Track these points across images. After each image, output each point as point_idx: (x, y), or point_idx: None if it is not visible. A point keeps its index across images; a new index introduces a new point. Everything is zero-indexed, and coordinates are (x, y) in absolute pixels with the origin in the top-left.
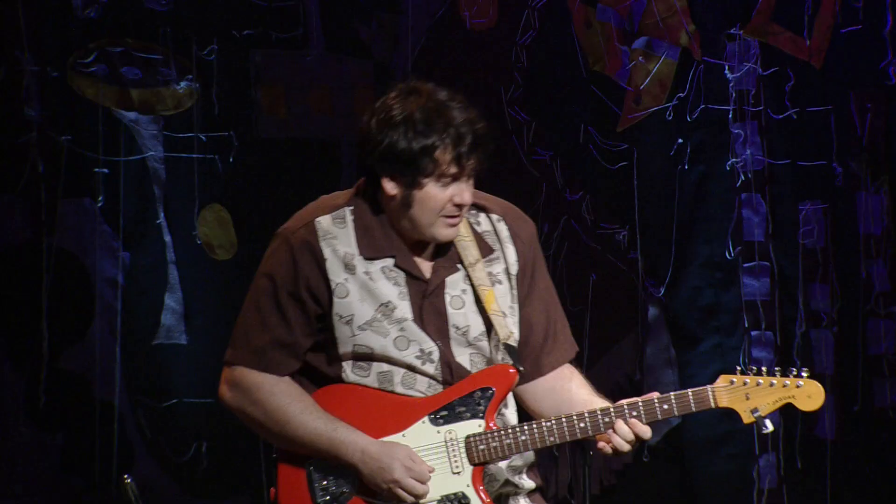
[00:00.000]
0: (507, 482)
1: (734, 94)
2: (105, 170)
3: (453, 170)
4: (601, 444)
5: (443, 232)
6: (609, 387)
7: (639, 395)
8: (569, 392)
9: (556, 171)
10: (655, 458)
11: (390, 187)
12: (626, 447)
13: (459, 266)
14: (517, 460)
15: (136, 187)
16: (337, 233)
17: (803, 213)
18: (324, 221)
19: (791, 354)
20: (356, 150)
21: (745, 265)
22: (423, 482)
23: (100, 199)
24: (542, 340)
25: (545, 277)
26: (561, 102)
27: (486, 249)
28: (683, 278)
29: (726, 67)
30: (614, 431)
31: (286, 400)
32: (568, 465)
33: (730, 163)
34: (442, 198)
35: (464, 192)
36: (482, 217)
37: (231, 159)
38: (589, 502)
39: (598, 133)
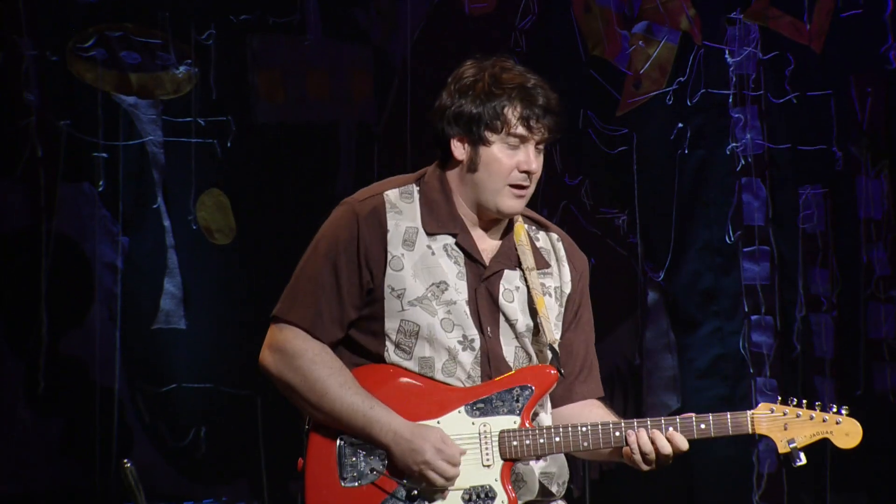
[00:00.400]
0: (540, 490)
1: (734, 79)
2: (104, 154)
3: (521, 130)
4: (626, 451)
5: (507, 202)
6: (608, 371)
7: (640, 380)
8: (595, 416)
9: (555, 155)
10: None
11: (458, 150)
12: (653, 459)
13: (517, 267)
14: (551, 467)
15: (135, 172)
16: (403, 207)
17: (803, 198)
18: (392, 195)
19: (791, 339)
20: (432, 124)
21: (745, 249)
22: (455, 465)
23: (99, 183)
24: (579, 370)
25: (590, 312)
26: (560, 87)
27: (541, 262)
28: (683, 263)
29: (726, 52)
30: (651, 441)
31: (327, 371)
32: (571, 460)
33: (730, 147)
34: (508, 161)
35: (531, 159)
36: (542, 233)
37: (229, 144)
38: (588, 487)
39: (598, 117)
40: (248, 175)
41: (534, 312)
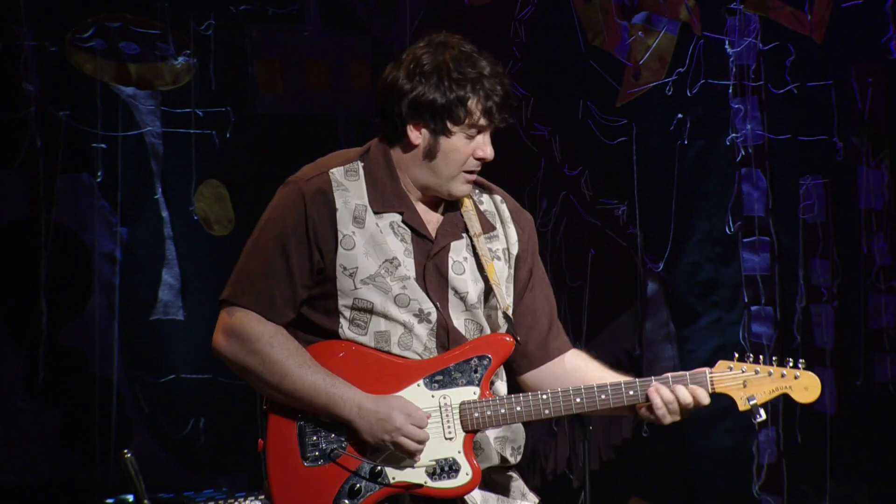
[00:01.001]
0: (499, 458)
1: (734, 69)
2: (103, 145)
3: (483, 121)
4: (643, 411)
5: (460, 187)
6: (608, 361)
7: (639, 372)
8: (584, 370)
9: (554, 146)
10: (654, 434)
11: (415, 136)
12: (667, 415)
13: (464, 234)
14: (505, 431)
15: (133, 162)
16: (349, 185)
17: (804, 188)
18: (337, 173)
19: (791, 329)
20: (378, 99)
21: (745, 240)
22: (423, 428)
23: (98, 174)
24: (548, 326)
25: (543, 269)
26: (560, 78)
27: (487, 226)
28: (683, 253)
29: (726, 42)
30: (650, 401)
31: (285, 353)
32: (567, 441)
33: (730, 138)
34: (466, 150)
35: (486, 146)
36: (485, 196)
37: (228, 135)
38: (588, 478)
39: (598, 108)
40: (246, 166)
41: (485, 279)
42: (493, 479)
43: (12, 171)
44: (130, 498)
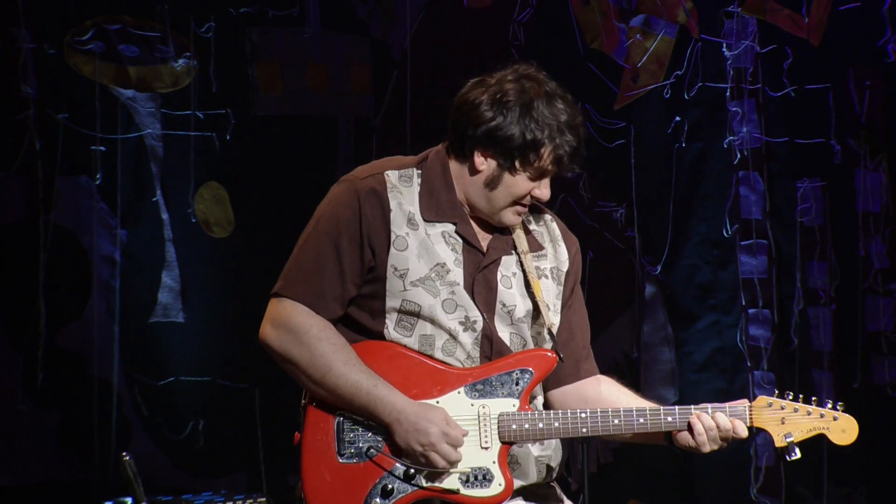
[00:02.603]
0: (536, 473)
1: (732, 72)
2: (102, 147)
3: (550, 167)
4: (683, 438)
5: (510, 218)
6: (606, 364)
7: (637, 374)
8: (616, 395)
9: None
10: None
11: (480, 162)
12: (706, 443)
13: (513, 251)
14: (546, 450)
15: (133, 165)
16: (403, 189)
17: (801, 191)
18: (392, 175)
19: (788, 332)
20: (453, 113)
21: (743, 243)
22: (457, 448)
23: (97, 176)
24: (582, 346)
25: (581, 293)
26: (558, 80)
27: (535, 245)
28: (680, 256)
29: (724, 45)
30: (691, 428)
31: (332, 348)
32: (566, 444)
33: (727, 140)
34: (525, 188)
35: (545, 188)
36: (533, 216)
37: (228, 137)
38: (586, 480)
39: (596, 111)
40: (246, 168)
41: (532, 296)
42: (529, 490)
43: (11, 174)
44: (129, 500)
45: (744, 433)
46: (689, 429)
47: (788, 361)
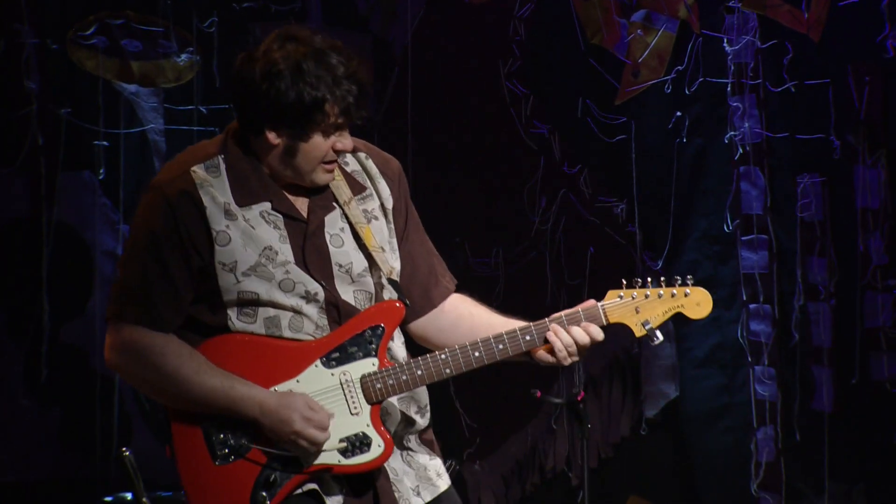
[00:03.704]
0: (403, 418)
1: (732, 67)
2: (105, 142)
3: (339, 120)
4: (543, 351)
5: (322, 177)
6: (607, 360)
7: (637, 369)
8: (470, 318)
9: (554, 144)
10: (653, 432)
11: (273, 137)
12: (574, 349)
13: (335, 205)
14: (408, 393)
15: (136, 160)
16: (213, 181)
17: (801, 187)
18: (199, 170)
19: (789, 328)
20: (233, 92)
21: (744, 238)
22: (324, 429)
23: (100, 171)
24: (427, 273)
25: (416, 214)
26: (559, 76)
27: (357, 187)
28: (681, 251)
29: (725, 40)
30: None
31: (178, 361)
32: (566, 439)
33: (728, 136)
34: (325, 147)
35: (344, 138)
36: (349, 157)
37: None
38: (586, 475)
39: (597, 106)
40: None
41: (364, 248)
42: (411, 455)
43: (14, 169)
44: (129, 496)
45: (599, 335)
46: (546, 345)
47: (789, 357)
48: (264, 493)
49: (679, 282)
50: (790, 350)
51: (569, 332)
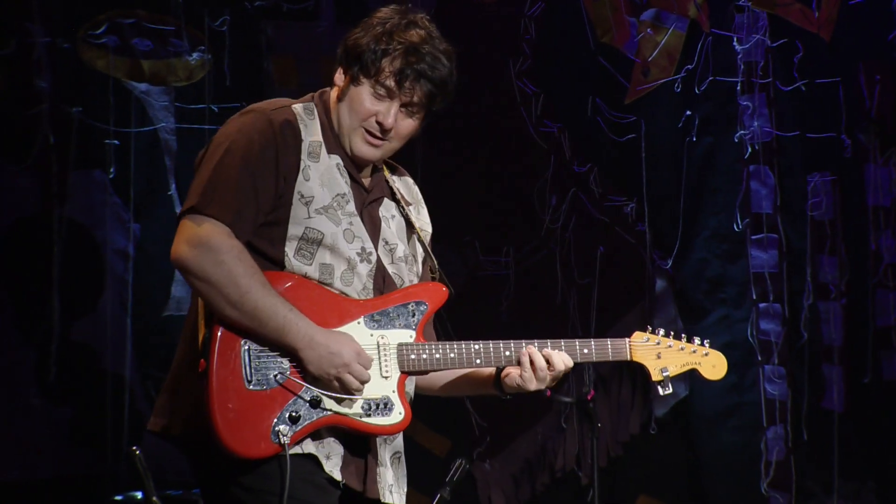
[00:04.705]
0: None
1: (742, 66)
2: (116, 141)
3: (390, 83)
4: (509, 372)
5: (359, 145)
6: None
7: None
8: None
9: (564, 143)
10: (663, 431)
11: (339, 77)
12: (544, 377)
13: (393, 199)
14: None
15: (146, 159)
16: (308, 122)
17: (812, 185)
18: (299, 108)
19: (799, 327)
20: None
21: (753, 237)
22: (367, 370)
23: (111, 170)
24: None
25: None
26: (569, 74)
27: (406, 201)
28: (691, 250)
29: (735, 39)
30: (546, 358)
31: (250, 270)
32: (575, 438)
33: (738, 135)
34: (368, 106)
35: (389, 115)
36: (396, 177)
37: None
38: (596, 474)
39: (607, 105)
40: None
41: (410, 241)
42: (399, 458)
43: (25, 168)
44: (140, 495)
45: (563, 365)
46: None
47: (799, 356)
48: (286, 427)
49: (698, 341)
50: (799, 349)
51: (546, 356)
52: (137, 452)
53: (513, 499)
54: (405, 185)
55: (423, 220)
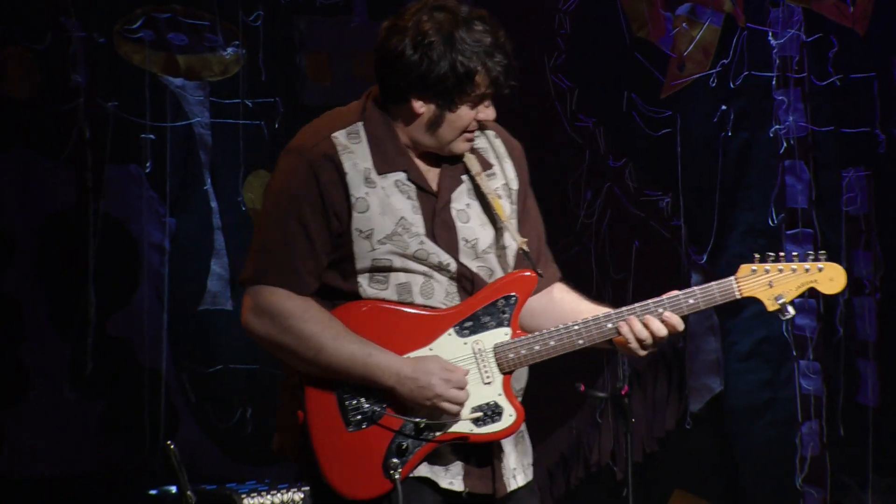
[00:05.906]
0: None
1: (777, 61)
2: (151, 136)
3: (489, 91)
4: (619, 340)
5: (461, 146)
6: (651, 354)
7: (682, 364)
8: (571, 303)
9: (599, 137)
10: (698, 426)
11: (419, 106)
12: (651, 344)
13: (464, 177)
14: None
15: (182, 153)
16: (354, 148)
17: (846, 180)
18: (340, 136)
19: (834, 322)
20: (378, 63)
21: (788, 232)
22: (463, 388)
23: (146, 164)
24: (536, 259)
25: (533, 198)
26: (604, 69)
27: (485, 164)
28: (726, 245)
29: (770, 34)
30: (646, 326)
31: (318, 327)
32: (610, 433)
33: (773, 129)
34: (469, 117)
35: (488, 108)
36: (479, 133)
37: (276, 125)
38: (631, 469)
39: (642, 100)
40: None
41: (493, 220)
42: (522, 435)
43: (60, 162)
44: (174, 489)
45: (680, 326)
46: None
47: (834, 351)
48: (396, 460)
49: (811, 257)
50: (835, 344)
51: (646, 323)
52: (172, 447)
53: (547, 493)
54: (488, 144)
55: (508, 177)
